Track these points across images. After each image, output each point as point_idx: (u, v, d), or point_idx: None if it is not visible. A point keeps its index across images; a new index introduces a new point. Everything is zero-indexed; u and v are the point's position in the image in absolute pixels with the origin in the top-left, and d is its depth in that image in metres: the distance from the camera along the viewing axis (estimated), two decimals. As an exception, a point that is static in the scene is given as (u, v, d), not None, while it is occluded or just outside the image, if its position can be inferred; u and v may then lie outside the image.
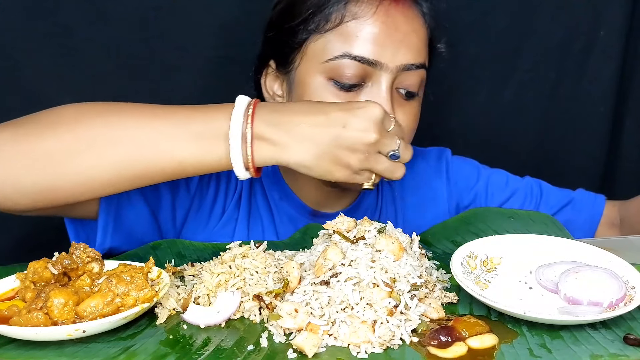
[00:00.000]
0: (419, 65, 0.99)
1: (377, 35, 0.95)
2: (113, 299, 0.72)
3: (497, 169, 1.24)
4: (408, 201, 1.18)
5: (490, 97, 1.45)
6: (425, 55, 1.01)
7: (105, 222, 0.94)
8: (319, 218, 1.10)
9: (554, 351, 0.69)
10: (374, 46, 0.95)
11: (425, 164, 1.21)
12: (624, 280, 0.79)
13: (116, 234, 0.95)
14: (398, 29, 0.97)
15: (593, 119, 1.47)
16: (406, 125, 1.00)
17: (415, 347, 0.71)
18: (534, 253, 0.88)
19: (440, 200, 1.19)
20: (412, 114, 1.02)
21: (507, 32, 1.40)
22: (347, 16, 0.96)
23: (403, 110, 1.00)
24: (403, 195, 1.18)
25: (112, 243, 0.95)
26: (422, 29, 1.00)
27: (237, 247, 0.85)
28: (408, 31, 0.98)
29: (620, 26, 1.40)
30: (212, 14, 1.28)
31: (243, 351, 0.70)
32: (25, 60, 1.24)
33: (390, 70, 0.96)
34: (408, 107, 1.01)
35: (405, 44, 0.97)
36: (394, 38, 0.96)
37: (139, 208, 0.98)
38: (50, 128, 0.83)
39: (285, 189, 1.11)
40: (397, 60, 0.96)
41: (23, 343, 0.70)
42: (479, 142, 1.47)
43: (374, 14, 0.96)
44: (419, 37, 0.99)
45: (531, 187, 1.22)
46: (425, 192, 1.19)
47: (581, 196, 1.22)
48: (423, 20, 1.01)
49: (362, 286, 0.74)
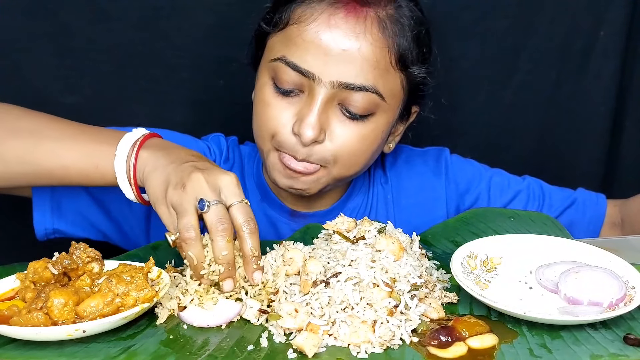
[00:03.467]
0: (360, 87, 0.93)
1: (314, 46, 0.92)
2: (113, 299, 0.72)
3: (496, 169, 1.23)
4: (403, 203, 1.16)
5: (490, 97, 1.45)
6: (376, 79, 0.94)
7: (40, 202, 0.99)
8: (297, 218, 1.11)
9: (554, 351, 0.69)
10: (309, 57, 0.93)
11: (423, 165, 1.19)
12: (624, 280, 0.79)
13: (58, 217, 1.00)
14: (340, 44, 0.92)
15: (593, 118, 1.47)
16: (341, 145, 0.96)
17: (415, 347, 0.71)
18: (534, 253, 0.88)
19: (439, 202, 1.17)
20: (353, 136, 0.96)
21: (507, 32, 1.39)
22: (292, 19, 0.96)
23: (343, 128, 0.96)
24: (398, 197, 1.16)
25: (56, 225, 1.00)
26: (375, 50, 0.93)
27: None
28: (352, 49, 0.92)
29: (620, 26, 1.40)
30: (212, 14, 1.27)
31: (243, 351, 0.70)
32: (25, 60, 1.24)
33: (323, 85, 0.93)
34: (351, 127, 0.96)
35: (344, 61, 0.92)
36: (332, 53, 0.92)
37: (79, 195, 1.02)
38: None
39: (266, 189, 1.11)
40: (331, 76, 0.92)
41: (23, 343, 0.70)
42: (479, 142, 1.47)
43: (315, 21, 0.93)
44: (367, 58, 0.93)
45: (533, 188, 1.20)
46: (423, 194, 1.17)
47: (583, 197, 1.21)
48: (384, 42, 0.94)
49: (362, 286, 0.74)
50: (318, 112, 0.94)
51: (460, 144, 1.44)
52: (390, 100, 0.98)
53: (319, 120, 0.94)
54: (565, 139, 1.48)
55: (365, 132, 0.97)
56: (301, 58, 0.93)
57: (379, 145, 1.02)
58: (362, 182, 1.15)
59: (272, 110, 0.97)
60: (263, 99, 0.98)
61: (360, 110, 0.95)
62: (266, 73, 0.98)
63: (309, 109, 0.94)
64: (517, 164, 1.45)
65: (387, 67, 0.95)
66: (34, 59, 1.25)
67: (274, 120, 0.97)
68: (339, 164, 0.98)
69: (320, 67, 0.93)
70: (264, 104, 0.98)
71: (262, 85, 0.99)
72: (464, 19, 1.38)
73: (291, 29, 0.95)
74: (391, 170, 1.18)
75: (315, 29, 0.93)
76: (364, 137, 0.98)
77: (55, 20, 1.23)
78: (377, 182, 1.17)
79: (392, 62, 0.96)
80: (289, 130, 0.96)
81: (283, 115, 0.96)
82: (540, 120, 1.47)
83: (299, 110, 0.95)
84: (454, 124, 1.45)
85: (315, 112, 0.94)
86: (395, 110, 1.01)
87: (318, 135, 0.94)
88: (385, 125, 1.00)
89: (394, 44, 0.95)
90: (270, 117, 0.97)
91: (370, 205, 1.15)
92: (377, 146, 1.01)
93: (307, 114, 0.94)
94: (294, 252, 0.81)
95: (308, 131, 0.93)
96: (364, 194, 1.15)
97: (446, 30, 1.36)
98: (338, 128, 0.96)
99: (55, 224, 1.01)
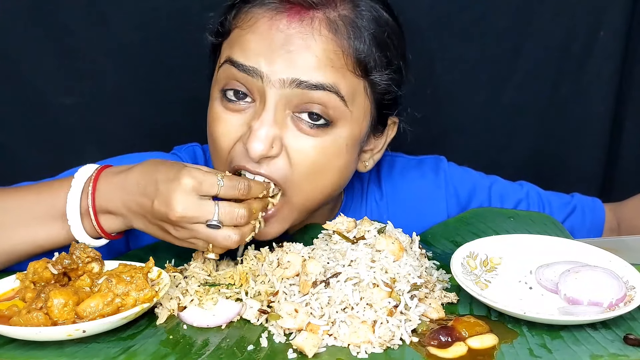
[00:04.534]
0: (316, 85, 0.85)
1: (258, 44, 0.87)
2: (113, 299, 0.72)
3: (493, 177, 1.18)
4: (401, 220, 1.02)
5: (490, 97, 1.45)
6: (335, 78, 0.86)
7: None
8: (291, 237, 1.02)
9: (554, 351, 0.69)
10: (254, 54, 0.86)
11: (421, 178, 1.13)
12: (624, 280, 0.79)
13: None
14: (285, 44, 0.86)
15: (593, 119, 1.47)
16: (298, 159, 0.87)
17: (415, 347, 0.71)
18: (534, 253, 0.88)
19: (440, 217, 1.10)
20: (312, 148, 0.88)
21: (507, 32, 1.39)
22: (233, 24, 0.91)
23: (300, 140, 0.87)
24: (395, 213, 1.10)
25: None
26: (327, 50, 0.86)
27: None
28: (299, 47, 0.85)
29: (620, 27, 1.40)
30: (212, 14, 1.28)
31: (243, 351, 0.70)
32: (26, 60, 1.25)
33: (273, 84, 0.85)
34: (309, 139, 0.87)
35: (293, 58, 0.85)
36: (279, 50, 0.85)
37: None
38: None
39: None
40: (281, 73, 0.85)
41: (23, 343, 0.70)
42: (478, 142, 1.47)
43: (257, 24, 0.88)
44: (318, 57, 0.85)
45: (532, 196, 1.17)
46: (423, 209, 1.11)
47: (581, 203, 1.19)
48: (338, 44, 0.87)
49: (362, 286, 0.74)
50: (268, 121, 0.85)
51: (460, 144, 1.44)
52: (354, 107, 0.89)
53: (269, 131, 0.85)
54: (565, 139, 1.48)
55: (325, 144, 0.88)
56: (245, 56, 0.87)
57: (346, 162, 0.92)
58: (352, 200, 1.10)
59: (221, 126, 0.90)
60: (213, 114, 0.91)
61: (318, 115, 0.87)
62: (215, 87, 0.92)
63: (260, 118, 0.86)
64: (516, 164, 1.45)
65: (344, 70, 0.88)
66: (33, 60, 1.25)
67: (224, 136, 0.89)
68: (297, 183, 0.89)
69: (267, 65, 0.85)
70: (214, 119, 0.91)
71: (212, 100, 0.92)
72: (464, 19, 1.38)
73: (234, 33, 0.90)
74: (386, 185, 1.12)
75: (258, 31, 0.87)
76: (324, 150, 0.88)
77: (55, 21, 1.24)
78: (370, 199, 1.11)
79: (349, 66, 0.88)
80: (239, 143, 0.88)
81: (233, 128, 0.89)
82: (539, 120, 1.47)
83: (250, 121, 0.87)
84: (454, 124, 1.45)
85: (265, 121, 0.85)
86: (360, 122, 0.92)
87: (269, 149, 0.85)
88: (350, 138, 0.91)
89: (349, 47, 0.88)
90: (220, 134, 0.90)
91: None
92: (342, 163, 0.92)
93: (255, 126, 0.85)
94: (292, 255, 0.81)
95: (256, 145, 0.84)
96: (355, 213, 1.08)
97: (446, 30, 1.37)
98: (294, 141, 0.87)
99: None
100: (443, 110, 1.43)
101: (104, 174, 0.87)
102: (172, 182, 0.80)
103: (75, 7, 1.24)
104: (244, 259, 0.87)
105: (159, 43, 1.29)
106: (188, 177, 0.80)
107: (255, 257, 0.87)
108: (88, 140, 1.34)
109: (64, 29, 1.24)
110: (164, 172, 0.82)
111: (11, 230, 0.87)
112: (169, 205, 0.79)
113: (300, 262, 0.80)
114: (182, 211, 0.79)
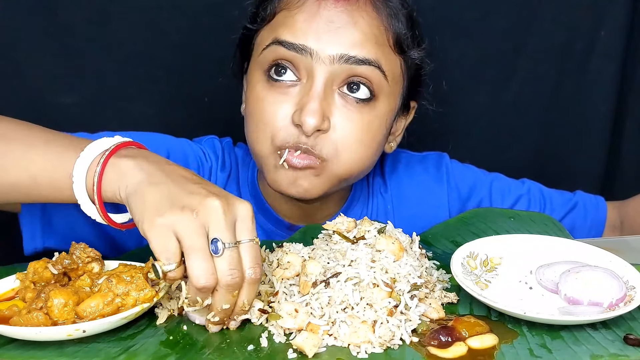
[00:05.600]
0: (362, 60, 0.89)
1: (307, 24, 0.89)
2: (113, 299, 0.72)
3: (495, 173, 1.20)
4: (404, 213, 1.12)
5: (490, 97, 1.45)
6: (378, 54, 0.91)
7: (30, 223, 0.91)
8: (295, 231, 1.04)
9: (554, 351, 0.69)
10: (302, 34, 0.89)
11: (424, 173, 1.16)
12: (624, 280, 0.79)
13: (48, 235, 0.92)
14: (333, 21, 0.89)
15: (593, 118, 1.47)
16: (346, 134, 0.91)
17: (415, 347, 0.71)
18: (534, 253, 0.88)
19: (441, 210, 1.14)
20: (358, 123, 0.92)
21: (507, 32, 1.40)
22: (279, 7, 0.93)
23: (347, 115, 0.91)
24: (399, 206, 1.13)
25: (46, 244, 0.92)
26: (372, 27, 0.91)
27: None
28: (347, 24, 0.89)
29: (620, 26, 1.40)
30: (213, 14, 1.28)
31: (243, 351, 0.70)
32: (26, 60, 1.25)
33: (322, 61, 0.89)
34: (355, 114, 0.91)
35: (341, 34, 0.89)
36: (327, 27, 0.89)
37: (71, 211, 0.90)
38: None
39: (262, 202, 1.06)
40: (330, 49, 0.88)
41: (23, 343, 0.70)
42: (479, 142, 1.47)
43: (305, 4, 0.90)
44: (364, 32, 0.90)
45: (533, 192, 1.18)
46: (425, 202, 1.14)
47: (584, 200, 1.20)
48: (380, 21, 0.92)
49: (362, 286, 0.74)
50: (319, 96, 0.89)
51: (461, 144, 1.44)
52: (392, 84, 0.94)
53: (321, 105, 0.88)
54: (565, 139, 1.48)
55: (369, 118, 0.93)
56: (294, 35, 0.89)
57: (382, 138, 0.97)
58: (360, 192, 1.12)
59: (268, 106, 0.91)
60: (257, 96, 0.92)
61: (364, 89, 0.91)
62: (257, 70, 0.93)
63: (309, 95, 0.89)
64: (517, 164, 1.45)
65: (385, 46, 0.92)
66: (34, 59, 1.25)
67: (271, 115, 0.91)
68: (343, 156, 0.92)
69: (316, 42, 0.88)
70: (258, 100, 0.92)
71: (254, 85, 0.94)
72: (464, 19, 1.38)
73: (280, 15, 0.92)
74: (391, 178, 1.14)
75: (305, 10, 0.90)
76: (369, 125, 0.93)
77: (55, 20, 1.24)
78: (376, 191, 1.13)
79: (391, 43, 0.93)
80: (289, 122, 0.90)
81: (281, 108, 0.90)
82: (540, 120, 1.47)
83: (299, 99, 0.90)
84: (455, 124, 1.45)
85: (316, 97, 0.88)
86: (397, 98, 0.97)
87: (321, 122, 0.88)
88: (389, 113, 0.96)
89: (390, 25, 0.93)
90: (266, 113, 0.91)
91: (370, 216, 1.11)
92: (381, 138, 0.97)
93: (307, 101, 0.88)
94: (292, 256, 0.81)
95: (310, 119, 0.87)
96: (364, 204, 1.11)
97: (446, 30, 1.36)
98: (342, 115, 0.91)
99: (46, 242, 0.92)
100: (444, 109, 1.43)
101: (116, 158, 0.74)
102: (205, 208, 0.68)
103: (76, 6, 1.24)
104: None
105: (160, 42, 1.29)
106: (216, 206, 0.68)
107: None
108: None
109: (65, 28, 1.24)
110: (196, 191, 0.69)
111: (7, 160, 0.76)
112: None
113: (300, 262, 0.80)
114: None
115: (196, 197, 0.68)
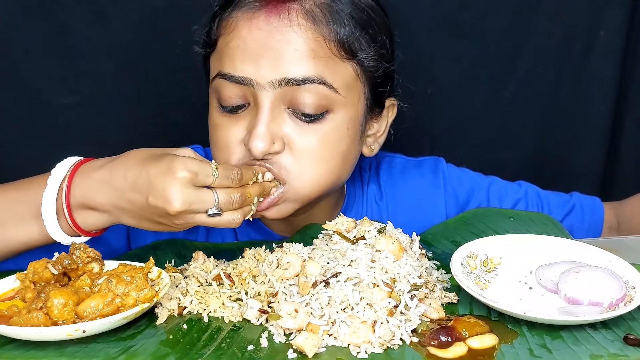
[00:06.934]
0: (304, 80, 0.88)
1: (241, 51, 0.89)
2: (113, 299, 0.72)
3: (491, 177, 1.19)
4: (401, 220, 1.06)
5: (490, 97, 1.45)
6: (319, 69, 0.88)
7: None
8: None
9: (554, 351, 0.69)
10: (239, 63, 0.89)
11: (421, 178, 1.14)
12: (624, 280, 0.79)
13: None
14: (267, 43, 0.88)
15: (593, 118, 1.47)
16: (302, 152, 0.90)
17: (415, 347, 0.71)
18: (534, 253, 0.88)
19: (438, 217, 1.11)
20: (313, 139, 0.90)
21: (507, 32, 1.40)
22: (218, 33, 0.93)
23: (299, 134, 0.90)
24: (395, 213, 1.11)
25: None
26: (308, 40, 0.88)
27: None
28: (280, 44, 0.88)
29: (620, 26, 1.40)
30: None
31: (243, 351, 0.70)
32: (25, 60, 1.24)
33: (264, 88, 0.88)
34: (308, 131, 0.90)
35: (277, 57, 0.87)
36: (262, 51, 0.88)
37: None
38: None
39: None
40: (268, 76, 0.87)
41: (23, 343, 0.70)
42: (478, 142, 1.47)
43: (237, 28, 0.90)
44: (300, 49, 0.88)
45: (530, 195, 1.17)
46: (422, 209, 1.12)
47: (580, 202, 1.19)
48: (318, 32, 0.89)
49: (362, 286, 0.74)
50: (266, 120, 0.88)
51: (460, 144, 1.44)
52: (346, 92, 0.91)
53: (269, 128, 0.88)
54: (565, 139, 1.48)
55: (324, 132, 0.91)
56: (233, 67, 0.89)
57: (348, 147, 0.94)
58: (354, 202, 1.11)
59: (221, 131, 0.92)
60: (213, 122, 0.94)
61: (312, 108, 0.89)
62: (212, 96, 0.94)
63: (256, 119, 0.88)
64: (516, 164, 1.45)
65: (329, 57, 0.89)
66: (33, 60, 1.25)
67: (225, 140, 0.92)
68: (305, 175, 0.91)
69: (255, 70, 0.88)
70: (214, 126, 0.93)
71: (211, 109, 0.95)
72: (464, 19, 1.38)
73: (221, 41, 0.92)
74: (386, 185, 1.13)
75: (239, 35, 0.89)
76: (325, 139, 0.91)
77: (55, 21, 1.24)
78: (370, 200, 1.12)
79: (334, 51, 0.90)
80: (242, 147, 0.91)
81: (233, 133, 0.91)
82: (539, 120, 1.47)
83: (249, 123, 0.90)
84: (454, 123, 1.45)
85: (262, 121, 0.88)
86: (356, 104, 0.94)
87: (270, 145, 0.88)
88: (351, 121, 0.93)
89: (330, 32, 0.89)
90: (220, 139, 0.92)
91: None
92: (344, 148, 0.94)
93: (254, 125, 0.88)
94: (292, 256, 0.81)
95: (258, 143, 0.87)
96: (357, 214, 1.10)
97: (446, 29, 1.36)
98: (295, 134, 0.90)
99: None
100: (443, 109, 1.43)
101: (83, 169, 0.84)
102: (166, 175, 0.78)
103: (75, 7, 1.24)
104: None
105: (159, 43, 1.29)
106: (183, 169, 0.78)
107: (255, 257, 0.86)
108: (87, 140, 1.34)
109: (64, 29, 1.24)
110: (155, 165, 0.80)
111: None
112: (167, 200, 0.78)
113: (300, 263, 0.79)
114: (181, 205, 0.78)
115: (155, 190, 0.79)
